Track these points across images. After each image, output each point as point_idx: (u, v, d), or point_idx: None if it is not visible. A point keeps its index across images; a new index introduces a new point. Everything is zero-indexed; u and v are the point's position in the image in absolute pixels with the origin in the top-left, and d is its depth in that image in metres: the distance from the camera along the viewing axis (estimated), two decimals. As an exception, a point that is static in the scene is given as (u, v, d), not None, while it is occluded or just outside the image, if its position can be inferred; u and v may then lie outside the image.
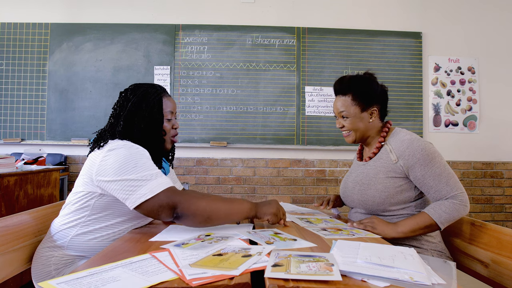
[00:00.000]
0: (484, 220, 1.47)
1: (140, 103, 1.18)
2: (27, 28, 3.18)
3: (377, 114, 1.32)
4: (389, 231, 1.16)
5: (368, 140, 1.37)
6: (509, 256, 1.05)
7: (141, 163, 1.03)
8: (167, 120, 1.22)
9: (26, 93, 3.15)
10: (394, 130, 1.33)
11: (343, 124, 1.33)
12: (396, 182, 1.23)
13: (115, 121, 1.18)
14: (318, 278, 0.66)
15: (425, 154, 1.19)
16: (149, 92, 1.21)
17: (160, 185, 1.01)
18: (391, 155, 1.26)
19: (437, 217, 1.15)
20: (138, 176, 1.00)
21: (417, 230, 1.17)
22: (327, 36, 3.23)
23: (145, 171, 1.02)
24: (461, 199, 1.16)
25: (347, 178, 1.44)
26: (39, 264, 1.10)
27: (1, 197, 1.75)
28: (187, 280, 0.66)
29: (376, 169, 1.29)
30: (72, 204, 1.12)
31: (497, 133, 3.30)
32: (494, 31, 3.33)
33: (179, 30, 3.20)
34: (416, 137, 1.25)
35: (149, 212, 1.01)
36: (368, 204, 1.28)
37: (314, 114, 3.20)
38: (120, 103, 1.20)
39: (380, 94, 1.32)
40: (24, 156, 2.43)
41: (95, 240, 1.09)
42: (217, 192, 3.19)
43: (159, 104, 1.20)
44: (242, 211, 1.08)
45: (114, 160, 1.03)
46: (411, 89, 3.20)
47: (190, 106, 3.18)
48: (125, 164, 1.02)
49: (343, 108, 1.30)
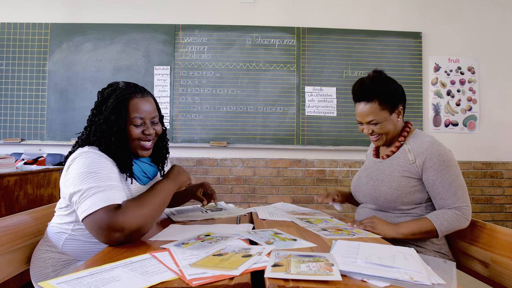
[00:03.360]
0: (484, 220, 1.47)
1: (101, 105, 1.08)
2: (27, 28, 3.18)
3: (402, 113, 1.30)
4: (389, 231, 1.16)
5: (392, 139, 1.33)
6: (509, 256, 1.05)
7: (93, 173, 0.95)
8: (133, 125, 1.08)
9: (26, 93, 3.15)
10: (415, 132, 1.32)
11: (372, 129, 1.27)
12: (410, 182, 1.23)
13: (88, 124, 1.12)
14: (318, 278, 0.66)
15: (442, 160, 1.19)
16: (114, 93, 1.08)
17: (104, 200, 0.91)
18: (409, 155, 1.25)
19: (438, 224, 1.15)
20: (84, 187, 0.93)
21: (417, 234, 1.17)
22: (327, 36, 3.23)
23: (94, 182, 0.93)
24: (465, 212, 1.17)
25: (361, 173, 1.43)
26: (37, 265, 1.09)
27: (1, 197, 1.75)
28: (187, 280, 0.66)
29: (392, 167, 1.28)
30: (60, 213, 1.10)
31: (497, 133, 3.30)
32: (494, 31, 3.33)
33: (179, 30, 3.20)
34: (437, 141, 1.25)
35: (91, 231, 0.92)
36: (380, 200, 1.27)
37: (314, 114, 3.20)
38: (95, 104, 1.12)
39: (401, 92, 1.30)
40: (24, 156, 2.42)
41: (88, 244, 1.07)
42: (217, 193, 3.17)
43: (120, 107, 1.06)
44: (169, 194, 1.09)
45: (72, 172, 0.98)
46: (411, 89, 3.20)
47: (190, 106, 3.18)
48: (78, 175, 0.96)
49: (372, 116, 1.24)
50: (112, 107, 1.05)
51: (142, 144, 1.11)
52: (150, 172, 1.19)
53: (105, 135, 1.05)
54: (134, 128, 1.08)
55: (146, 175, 1.17)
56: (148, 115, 1.10)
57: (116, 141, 1.06)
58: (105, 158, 1.03)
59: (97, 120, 1.07)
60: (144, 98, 1.12)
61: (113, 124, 1.05)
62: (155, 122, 1.14)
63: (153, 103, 1.15)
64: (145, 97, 1.12)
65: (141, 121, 1.09)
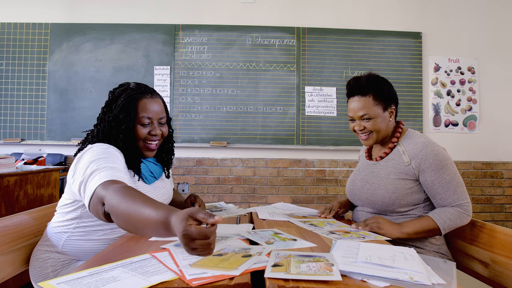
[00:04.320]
0: (484, 220, 1.47)
1: (111, 104, 1.12)
2: (27, 28, 3.18)
3: (394, 113, 1.30)
4: (394, 231, 1.15)
5: (383, 140, 1.33)
6: (509, 256, 1.05)
7: (100, 159, 0.95)
8: (141, 125, 1.11)
9: (26, 93, 3.15)
10: (408, 132, 1.32)
11: (364, 126, 1.26)
12: (406, 184, 1.23)
13: (98, 122, 1.15)
14: (318, 278, 0.66)
15: (438, 160, 1.19)
16: (124, 92, 1.12)
17: (102, 178, 0.88)
18: (403, 157, 1.25)
19: (441, 222, 1.16)
20: (89, 171, 0.92)
21: (421, 232, 1.17)
22: (327, 36, 3.23)
23: (98, 165, 0.92)
24: (466, 208, 1.18)
25: (355, 176, 1.41)
26: (37, 265, 1.09)
27: (1, 197, 1.75)
28: (187, 280, 0.66)
29: (387, 169, 1.27)
30: (62, 210, 1.10)
31: (497, 133, 3.30)
32: (494, 31, 3.33)
33: (179, 30, 3.20)
34: (431, 140, 1.24)
35: (93, 212, 0.88)
36: (378, 204, 1.27)
37: (314, 114, 3.20)
38: (106, 103, 1.16)
39: (394, 93, 1.31)
40: (24, 156, 2.42)
41: (88, 244, 1.07)
42: (217, 193, 3.19)
43: (129, 106, 1.09)
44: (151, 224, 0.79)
45: (80, 164, 0.98)
46: (411, 89, 3.20)
47: (190, 106, 3.18)
48: (86, 163, 0.95)
49: (366, 110, 1.24)
50: (121, 106, 1.09)
51: (147, 145, 1.14)
52: (156, 171, 1.22)
53: (113, 133, 1.09)
54: (141, 128, 1.11)
55: (153, 174, 1.20)
56: (155, 115, 1.13)
57: (123, 139, 1.08)
58: (114, 149, 1.05)
59: (106, 118, 1.11)
60: (153, 99, 1.14)
61: (122, 122, 1.08)
62: (162, 123, 1.17)
63: (162, 104, 1.18)
64: (154, 98, 1.15)
65: (149, 121, 1.12)
